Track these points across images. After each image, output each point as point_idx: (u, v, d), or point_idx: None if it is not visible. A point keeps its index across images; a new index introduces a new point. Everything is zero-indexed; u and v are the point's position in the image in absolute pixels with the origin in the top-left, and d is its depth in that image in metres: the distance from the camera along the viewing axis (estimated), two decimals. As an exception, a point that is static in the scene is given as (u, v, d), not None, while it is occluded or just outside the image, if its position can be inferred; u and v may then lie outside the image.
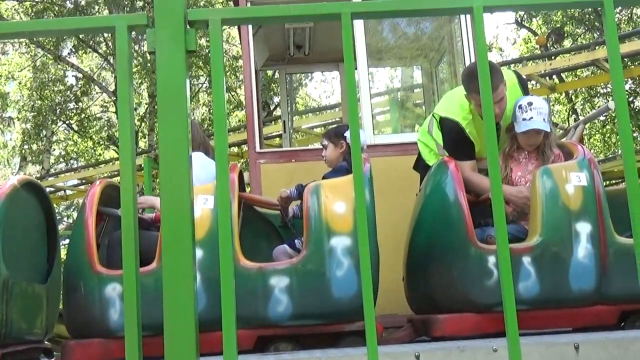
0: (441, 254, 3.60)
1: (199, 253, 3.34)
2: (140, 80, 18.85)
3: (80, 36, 17.75)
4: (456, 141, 4.26)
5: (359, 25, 5.58)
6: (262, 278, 3.41)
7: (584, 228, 3.46)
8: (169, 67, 1.68)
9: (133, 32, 1.80)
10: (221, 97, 1.75)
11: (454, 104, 4.34)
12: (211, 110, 19.15)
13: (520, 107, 3.99)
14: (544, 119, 3.93)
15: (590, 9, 16.94)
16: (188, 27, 1.70)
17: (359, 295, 3.28)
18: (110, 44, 18.62)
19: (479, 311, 3.48)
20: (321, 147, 4.39)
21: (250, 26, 5.72)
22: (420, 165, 4.61)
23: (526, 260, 3.45)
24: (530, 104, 3.98)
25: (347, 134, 4.12)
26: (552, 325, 3.61)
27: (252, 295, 3.38)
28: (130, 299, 1.79)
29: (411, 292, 4.02)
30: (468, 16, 5.39)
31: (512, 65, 11.69)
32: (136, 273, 1.86)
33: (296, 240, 3.88)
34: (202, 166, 4.09)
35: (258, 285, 3.39)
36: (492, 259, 3.46)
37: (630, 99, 18.97)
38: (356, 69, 5.63)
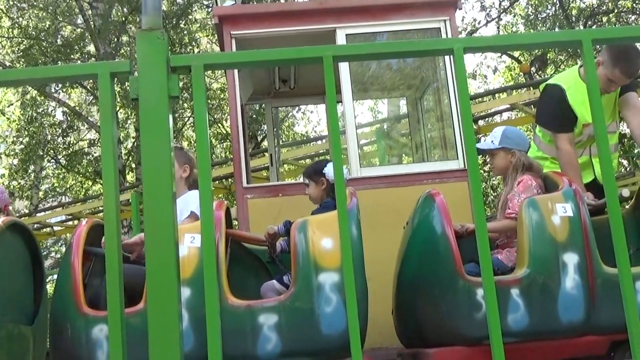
0: (429, 287, 3.59)
1: (187, 292, 3.32)
2: (126, 115, 18.85)
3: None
4: (554, 111, 4.45)
5: (343, 58, 5.62)
6: (250, 316, 3.38)
7: (571, 259, 3.46)
8: (152, 113, 1.69)
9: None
10: (204, 141, 1.76)
11: (562, 74, 4.63)
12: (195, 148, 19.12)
13: None
14: (492, 141, 4.02)
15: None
16: (170, 73, 1.72)
17: (348, 331, 3.26)
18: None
19: (469, 344, 3.46)
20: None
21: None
22: None
23: (514, 292, 3.44)
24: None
25: (326, 170, 4.11)
26: (543, 357, 3.59)
27: (240, 333, 3.34)
28: (116, 342, 1.78)
29: (400, 326, 4.00)
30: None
31: (500, 94, 11.76)
32: (121, 315, 1.85)
33: (284, 277, 3.86)
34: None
35: (246, 323, 3.36)
36: (480, 292, 3.44)
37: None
38: (340, 102, 5.66)
